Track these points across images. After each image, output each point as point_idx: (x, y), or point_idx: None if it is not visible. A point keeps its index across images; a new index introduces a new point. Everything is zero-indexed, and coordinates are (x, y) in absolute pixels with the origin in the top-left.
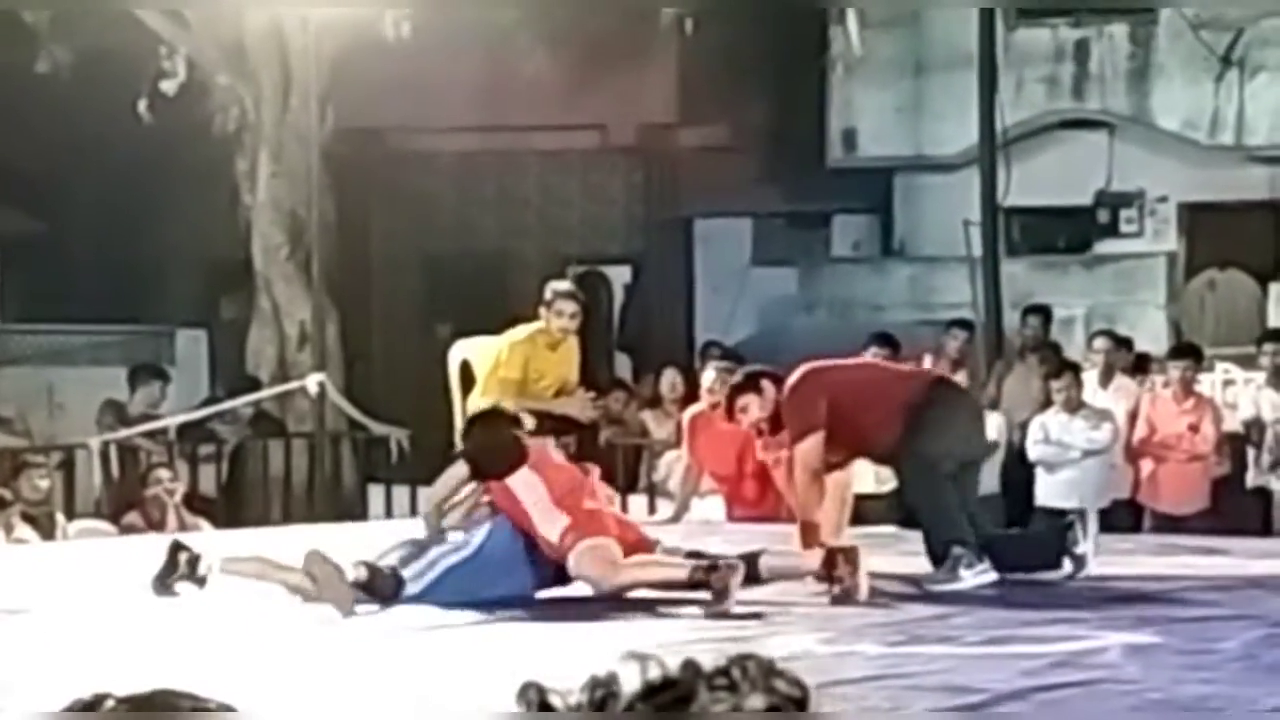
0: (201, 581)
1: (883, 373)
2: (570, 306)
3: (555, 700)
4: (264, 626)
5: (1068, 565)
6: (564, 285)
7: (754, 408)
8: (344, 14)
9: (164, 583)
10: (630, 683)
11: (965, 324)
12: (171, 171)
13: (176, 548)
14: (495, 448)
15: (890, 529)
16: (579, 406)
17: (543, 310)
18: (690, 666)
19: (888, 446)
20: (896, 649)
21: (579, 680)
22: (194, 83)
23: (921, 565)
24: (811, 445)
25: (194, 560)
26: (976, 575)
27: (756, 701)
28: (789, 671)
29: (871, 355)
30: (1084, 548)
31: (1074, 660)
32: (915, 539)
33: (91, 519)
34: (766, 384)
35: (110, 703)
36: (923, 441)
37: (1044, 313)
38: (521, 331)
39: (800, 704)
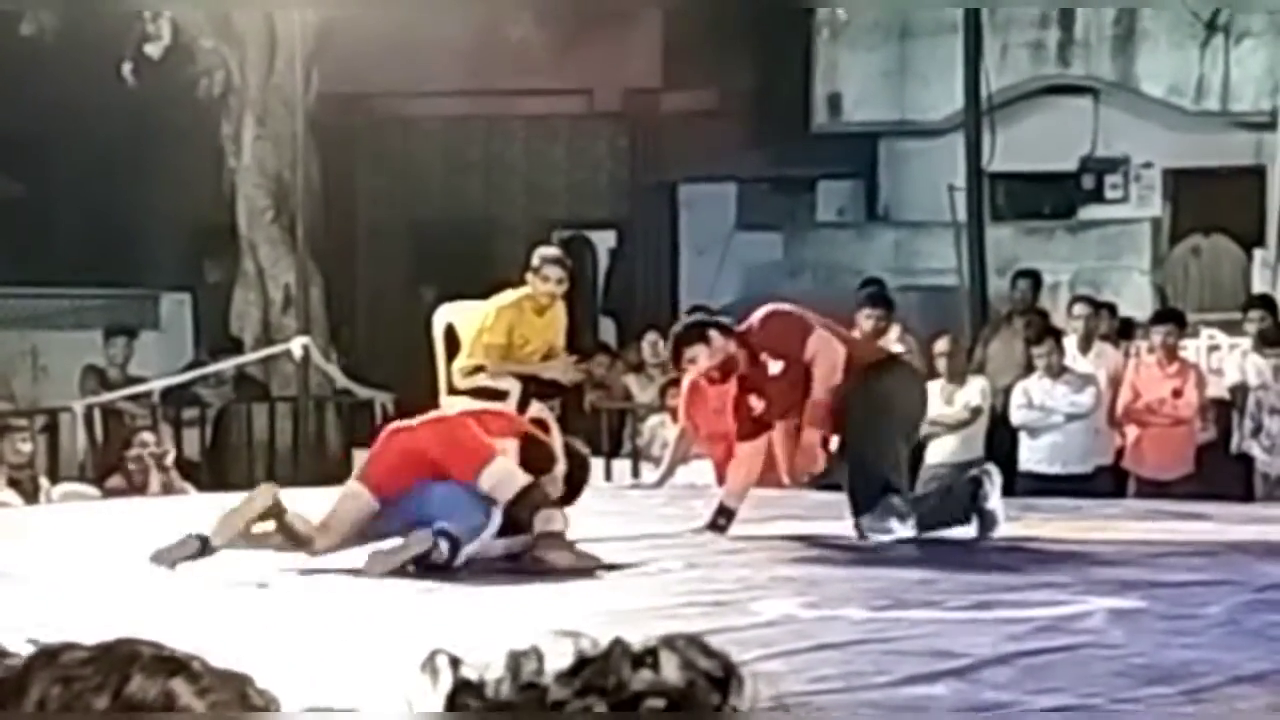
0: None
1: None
2: (557, 272)
3: (469, 673)
4: (242, 587)
5: (975, 522)
6: (551, 251)
7: (702, 357)
8: None
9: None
10: (555, 659)
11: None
12: (156, 135)
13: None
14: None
15: None
16: (562, 369)
17: (529, 276)
18: (618, 644)
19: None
20: (881, 613)
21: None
22: (179, 46)
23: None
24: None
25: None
26: (906, 529)
27: (675, 678)
28: (720, 652)
29: (865, 317)
30: (992, 503)
31: (1058, 625)
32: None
33: (75, 482)
34: (714, 333)
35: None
36: (870, 404)
37: (1033, 277)
38: (508, 297)
39: (722, 683)
